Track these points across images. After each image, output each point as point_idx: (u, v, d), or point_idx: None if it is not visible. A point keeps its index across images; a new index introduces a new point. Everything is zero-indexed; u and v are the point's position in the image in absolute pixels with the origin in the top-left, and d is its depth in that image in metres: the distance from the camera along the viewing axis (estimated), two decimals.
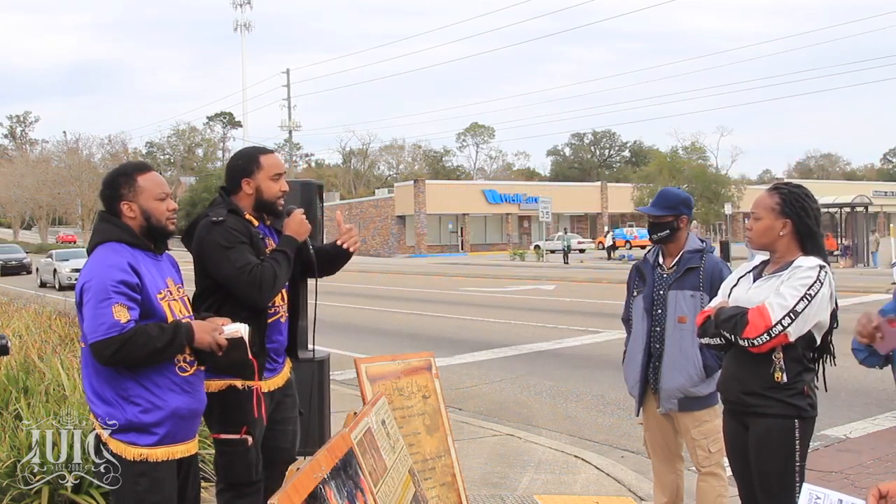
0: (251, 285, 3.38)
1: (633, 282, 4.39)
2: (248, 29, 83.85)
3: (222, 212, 3.55)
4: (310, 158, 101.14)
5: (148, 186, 3.12)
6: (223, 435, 3.48)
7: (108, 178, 3.17)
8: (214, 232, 3.46)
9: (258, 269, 3.41)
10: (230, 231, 3.47)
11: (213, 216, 3.52)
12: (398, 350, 10.61)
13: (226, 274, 3.43)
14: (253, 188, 3.60)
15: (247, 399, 3.47)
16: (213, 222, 3.49)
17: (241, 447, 3.46)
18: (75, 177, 66.66)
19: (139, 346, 2.86)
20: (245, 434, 3.45)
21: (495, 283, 28.26)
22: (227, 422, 3.47)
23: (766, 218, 3.26)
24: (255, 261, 3.45)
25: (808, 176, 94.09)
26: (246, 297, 3.43)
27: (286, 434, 3.74)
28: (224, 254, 3.43)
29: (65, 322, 8.93)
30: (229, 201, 3.61)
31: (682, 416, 4.16)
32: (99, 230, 3.12)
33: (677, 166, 46.91)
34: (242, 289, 3.41)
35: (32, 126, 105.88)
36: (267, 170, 3.61)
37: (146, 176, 3.14)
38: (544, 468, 5.97)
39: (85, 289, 2.94)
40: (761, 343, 3.10)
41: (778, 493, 3.19)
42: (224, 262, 3.43)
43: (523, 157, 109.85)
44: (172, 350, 2.96)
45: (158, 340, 2.90)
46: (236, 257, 3.42)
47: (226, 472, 3.53)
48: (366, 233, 61.92)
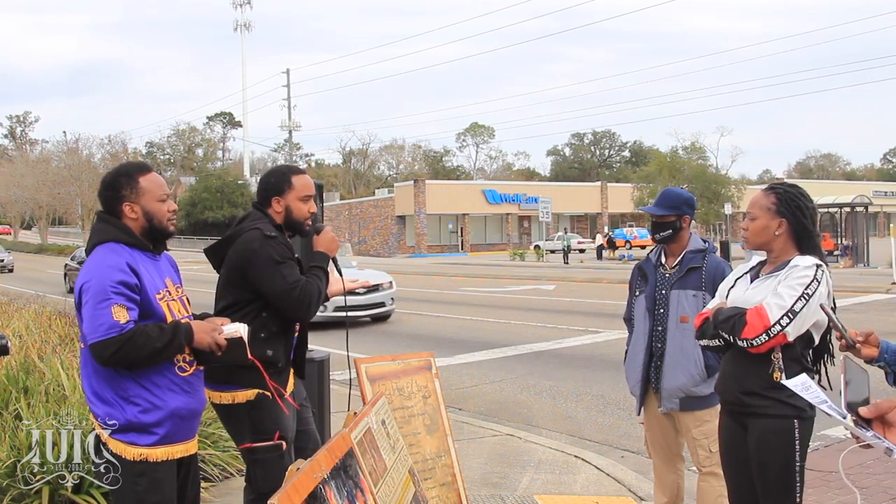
0: (301, 302, 3.42)
1: (636, 281, 4.39)
2: (248, 29, 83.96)
3: (271, 227, 3.54)
4: (310, 158, 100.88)
5: (150, 188, 3.11)
6: (257, 444, 3.45)
7: (109, 178, 3.15)
8: (269, 246, 3.45)
9: (307, 286, 3.45)
10: (282, 246, 3.49)
11: (266, 230, 3.50)
12: (398, 350, 10.61)
13: (277, 290, 3.42)
14: (283, 207, 3.63)
15: (276, 405, 3.46)
16: (267, 237, 3.47)
17: (275, 453, 3.44)
18: (75, 177, 66.62)
19: (138, 346, 2.86)
20: (279, 439, 3.45)
21: (495, 283, 28.25)
22: (259, 430, 3.45)
23: (762, 218, 3.25)
24: (303, 278, 3.48)
25: (808, 176, 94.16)
26: (294, 312, 3.47)
27: (307, 434, 3.80)
28: (277, 269, 3.42)
29: (65, 322, 8.92)
30: (271, 217, 3.62)
31: (684, 415, 4.15)
32: (97, 230, 3.11)
33: (677, 166, 46.88)
34: (293, 304, 3.43)
35: (32, 126, 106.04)
36: (298, 190, 3.64)
37: (148, 177, 3.13)
38: (544, 468, 5.97)
39: (84, 289, 2.93)
40: (760, 343, 3.09)
41: (778, 493, 3.19)
42: (277, 277, 3.42)
43: (523, 157, 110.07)
44: (172, 350, 2.96)
45: (158, 341, 2.90)
46: (288, 273, 3.44)
47: (261, 482, 3.45)
48: (366, 233, 61.92)
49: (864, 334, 2.65)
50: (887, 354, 2.66)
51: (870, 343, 2.64)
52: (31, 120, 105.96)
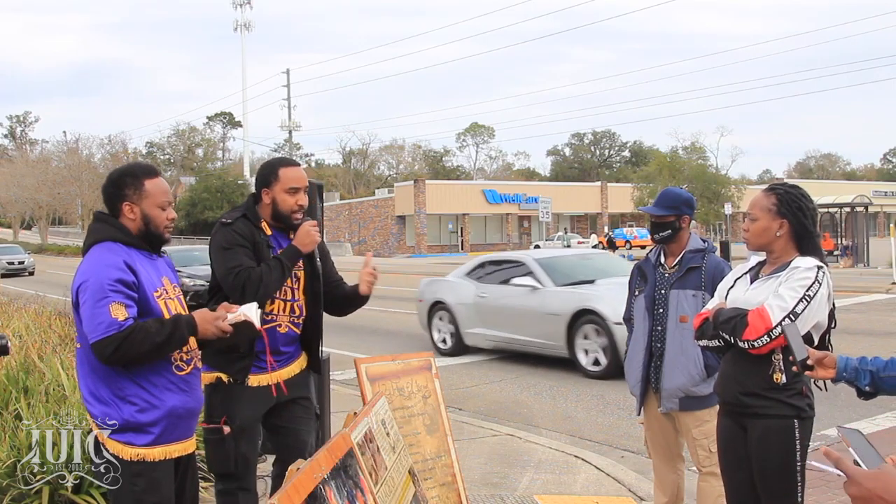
0: (234, 287, 3.51)
1: (635, 281, 4.39)
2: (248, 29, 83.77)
3: (235, 215, 3.69)
4: (310, 158, 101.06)
5: (153, 192, 3.11)
6: (205, 424, 3.61)
7: (115, 175, 3.17)
8: (220, 233, 3.63)
9: (245, 272, 3.50)
10: (233, 233, 3.60)
11: (225, 218, 3.68)
12: (398, 350, 10.61)
13: (219, 274, 3.61)
14: (270, 199, 3.69)
15: (232, 391, 3.59)
16: (223, 224, 3.66)
17: (215, 436, 3.56)
18: (75, 177, 66.69)
19: (138, 342, 2.86)
20: (223, 424, 3.55)
21: None
22: (210, 412, 3.61)
23: (762, 218, 3.25)
24: (248, 263, 3.53)
25: (808, 176, 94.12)
26: (231, 297, 3.50)
27: (297, 434, 3.81)
28: (221, 254, 3.59)
29: (65, 322, 8.92)
30: (249, 206, 3.73)
31: (683, 415, 4.16)
32: (94, 230, 3.12)
33: (677, 166, 46.95)
34: (227, 290, 3.55)
35: (32, 126, 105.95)
36: (283, 182, 3.67)
37: (154, 181, 3.13)
38: (544, 468, 5.97)
39: (81, 289, 2.93)
40: (761, 345, 3.09)
41: (779, 493, 3.19)
42: (220, 262, 3.60)
43: (523, 157, 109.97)
44: (174, 344, 2.96)
45: (158, 335, 2.89)
46: (229, 258, 3.55)
47: (207, 462, 3.71)
48: (366, 233, 61.93)
49: (818, 358, 2.70)
50: (846, 373, 2.69)
51: (825, 365, 2.70)
52: (31, 120, 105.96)
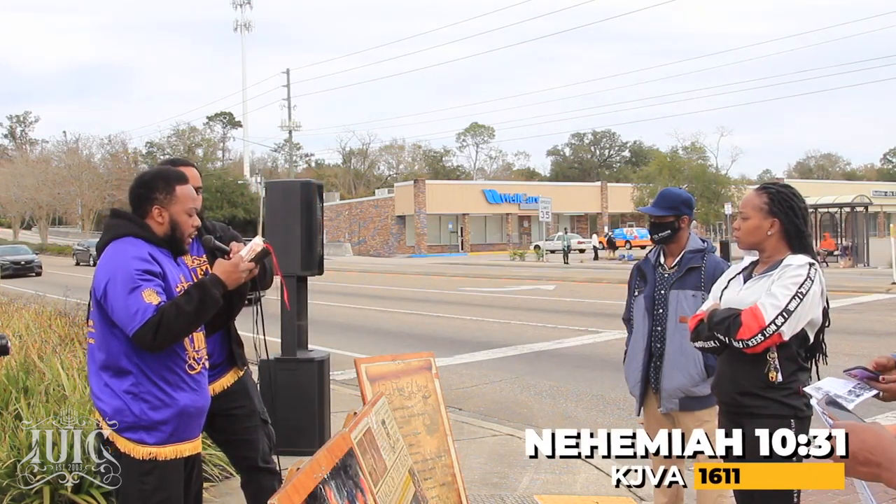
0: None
1: (635, 281, 4.39)
2: (248, 29, 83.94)
3: None
4: (310, 158, 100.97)
5: (183, 198, 3.11)
6: None
7: (147, 177, 3.16)
8: None
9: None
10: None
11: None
12: (398, 350, 10.60)
13: None
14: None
15: None
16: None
17: None
18: (75, 177, 66.67)
19: (173, 318, 2.85)
20: None
21: (495, 283, 28.25)
22: None
23: (754, 217, 3.26)
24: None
25: (808, 176, 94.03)
26: None
27: (249, 443, 3.76)
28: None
29: (65, 322, 8.92)
30: None
31: (683, 415, 4.16)
32: (112, 226, 3.10)
33: (677, 166, 46.91)
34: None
35: (32, 126, 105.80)
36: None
37: (184, 187, 3.14)
38: (544, 468, 5.97)
39: (111, 283, 2.90)
40: (756, 344, 3.09)
41: (778, 494, 3.19)
42: None
43: (523, 157, 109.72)
44: (207, 307, 2.96)
45: (188, 305, 2.90)
46: None
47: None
48: (366, 233, 61.92)
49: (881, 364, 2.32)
50: None
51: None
52: (32, 120, 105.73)
